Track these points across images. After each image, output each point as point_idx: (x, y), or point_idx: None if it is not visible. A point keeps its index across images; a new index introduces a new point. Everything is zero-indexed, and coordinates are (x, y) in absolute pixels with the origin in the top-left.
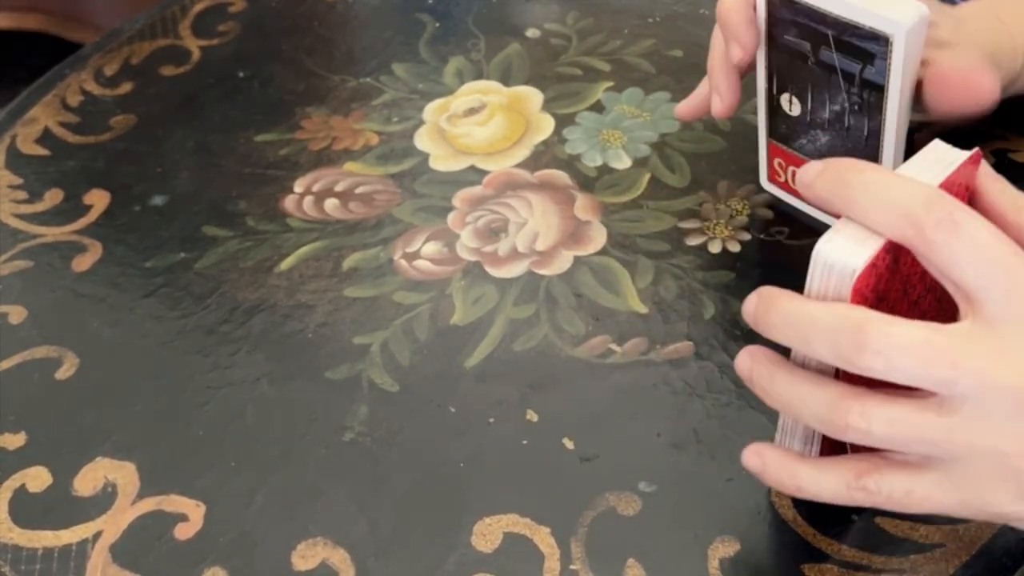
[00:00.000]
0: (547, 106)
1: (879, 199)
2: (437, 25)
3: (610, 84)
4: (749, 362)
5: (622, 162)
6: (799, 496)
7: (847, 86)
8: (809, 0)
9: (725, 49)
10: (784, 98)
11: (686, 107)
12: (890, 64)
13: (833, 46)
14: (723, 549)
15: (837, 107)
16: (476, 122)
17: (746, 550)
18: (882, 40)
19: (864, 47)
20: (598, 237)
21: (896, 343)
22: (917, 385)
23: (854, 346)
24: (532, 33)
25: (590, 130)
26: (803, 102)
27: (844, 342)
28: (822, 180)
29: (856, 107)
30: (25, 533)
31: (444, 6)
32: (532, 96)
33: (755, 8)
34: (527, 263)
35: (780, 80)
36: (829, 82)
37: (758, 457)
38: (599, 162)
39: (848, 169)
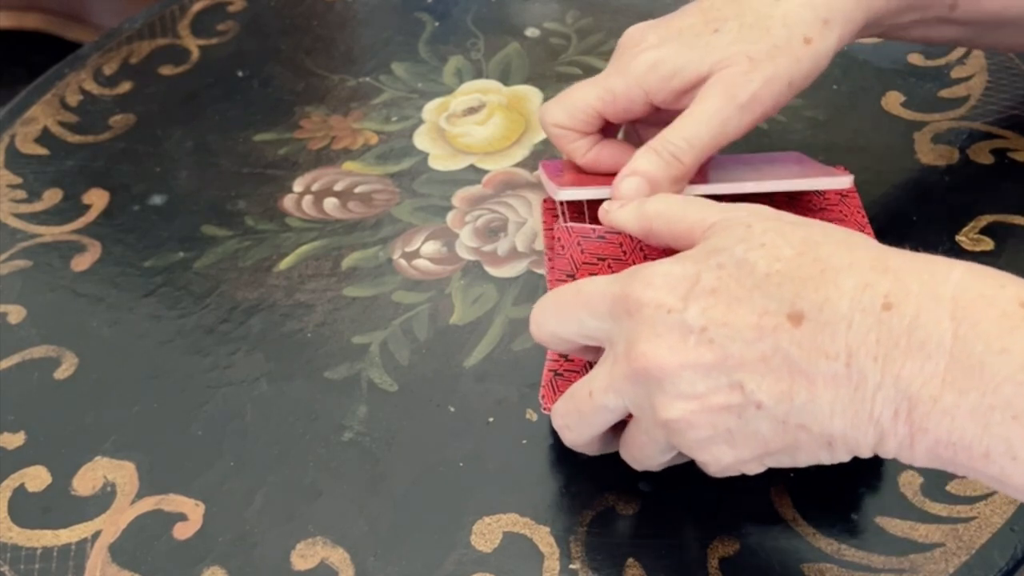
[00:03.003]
0: None
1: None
2: (436, 24)
3: None
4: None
5: None
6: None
7: None
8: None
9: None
10: None
11: None
12: None
13: None
14: (723, 549)
15: None
16: (475, 121)
17: (746, 550)
18: None
19: None
20: None
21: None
22: None
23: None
24: (531, 32)
25: None
26: None
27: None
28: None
29: None
30: (24, 532)
31: (443, 5)
32: (531, 95)
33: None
34: (526, 263)
35: None
36: None
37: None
38: None
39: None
